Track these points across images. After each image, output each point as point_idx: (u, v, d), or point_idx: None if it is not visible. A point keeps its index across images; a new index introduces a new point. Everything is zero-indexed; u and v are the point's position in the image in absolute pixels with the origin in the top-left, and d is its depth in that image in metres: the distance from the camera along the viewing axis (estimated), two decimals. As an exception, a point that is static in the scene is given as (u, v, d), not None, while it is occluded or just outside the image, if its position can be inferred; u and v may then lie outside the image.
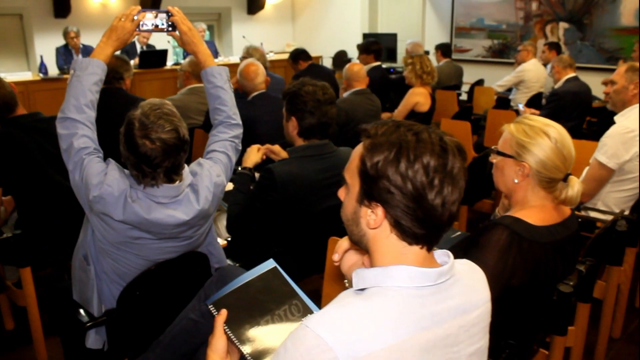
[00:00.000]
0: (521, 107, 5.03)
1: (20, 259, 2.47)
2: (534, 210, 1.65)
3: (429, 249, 1.11)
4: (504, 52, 8.32)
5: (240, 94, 3.85)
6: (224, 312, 1.35)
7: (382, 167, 1.03)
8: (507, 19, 8.20)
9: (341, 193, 1.17)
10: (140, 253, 1.78)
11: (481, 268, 1.18)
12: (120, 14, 1.98)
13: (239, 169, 2.48)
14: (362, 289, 1.07)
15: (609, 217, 2.57)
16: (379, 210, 1.06)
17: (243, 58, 4.73)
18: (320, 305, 1.45)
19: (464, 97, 7.10)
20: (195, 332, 1.75)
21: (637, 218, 2.57)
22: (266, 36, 9.63)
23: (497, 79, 7.72)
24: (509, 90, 6.40)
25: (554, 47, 6.58)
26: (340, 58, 9.45)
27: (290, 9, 10.50)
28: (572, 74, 4.77)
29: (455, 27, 8.74)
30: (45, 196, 2.57)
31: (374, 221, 1.07)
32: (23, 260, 2.47)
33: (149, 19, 2.01)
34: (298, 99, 2.31)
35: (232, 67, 7.21)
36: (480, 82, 7.16)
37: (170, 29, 2.05)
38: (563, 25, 7.67)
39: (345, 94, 4.05)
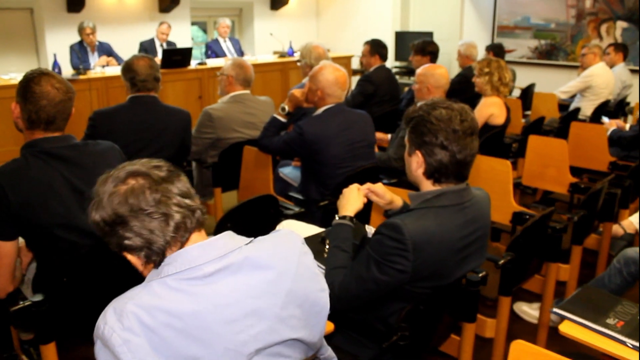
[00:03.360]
0: (606, 119, 4.39)
1: (42, 332, 1.86)
2: None
3: None
4: (552, 54, 7.68)
5: (303, 109, 3.21)
6: None
7: None
8: (556, 17, 7.56)
9: None
10: None
11: None
12: None
13: (336, 218, 1.86)
14: None
15: None
16: None
17: (303, 60, 4.07)
18: None
19: (515, 103, 6.47)
20: None
21: None
22: (290, 33, 8.99)
23: (546, 82, 7.11)
24: (572, 97, 5.77)
25: (621, 48, 5.94)
26: (369, 57, 8.83)
27: (315, 4, 9.85)
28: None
29: (498, 25, 8.10)
30: (73, 249, 1.92)
31: None
32: (46, 333, 1.86)
33: None
34: (425, 127, 1.70)
35: (258, 68, 6.46)
36: (531, 87, 6.53)
37: None
38: (621, 24, 7.03)
39: (419, 104, 3.40)
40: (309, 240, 2.05)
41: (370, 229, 1.76)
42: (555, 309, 1.68)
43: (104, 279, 1.93)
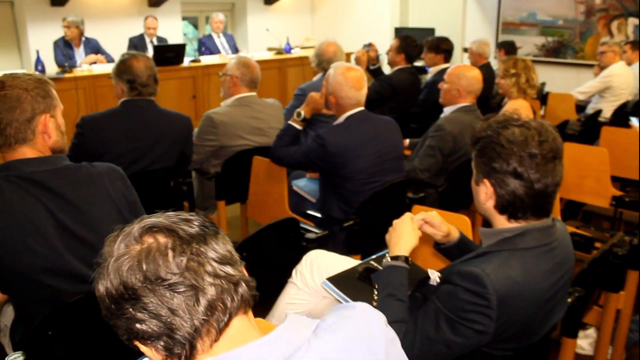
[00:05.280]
0: (635, 121, 4.08)
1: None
2: None
3: None
4: (559, 51, 7.38)
5: (324, 117, 2.86)
6: None
7: None
8: (564, 13, 7.26)
9: None
10: None
11: None
12: None
13: (388, 258, 1.51)
14: None
15: None
16: None
17: (316, 60, 3.69)
18: None
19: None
20: None
21: None
22: (284, 29, 8.61)
23: (554, 81, 6.82)
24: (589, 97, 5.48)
25: (638, 46, 5.66)
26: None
27: (309, -2, 9.49)
28: None
29: (502, 22, 7.80)
30: (59, 298, 1.54)
31: None
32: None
33: None
34: (494, 150, 1.35)
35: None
36: (542, 86, 6.23)
37: None
38: (633, 21, 6.76)
39: (448, 110, 3.07)
40: (346, 279, 1.71)
41: (433, 274, 1.42)
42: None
43: (96, 332, 1.56)
